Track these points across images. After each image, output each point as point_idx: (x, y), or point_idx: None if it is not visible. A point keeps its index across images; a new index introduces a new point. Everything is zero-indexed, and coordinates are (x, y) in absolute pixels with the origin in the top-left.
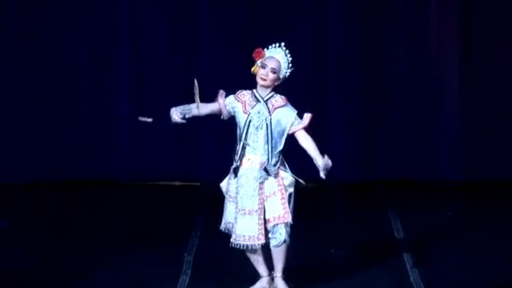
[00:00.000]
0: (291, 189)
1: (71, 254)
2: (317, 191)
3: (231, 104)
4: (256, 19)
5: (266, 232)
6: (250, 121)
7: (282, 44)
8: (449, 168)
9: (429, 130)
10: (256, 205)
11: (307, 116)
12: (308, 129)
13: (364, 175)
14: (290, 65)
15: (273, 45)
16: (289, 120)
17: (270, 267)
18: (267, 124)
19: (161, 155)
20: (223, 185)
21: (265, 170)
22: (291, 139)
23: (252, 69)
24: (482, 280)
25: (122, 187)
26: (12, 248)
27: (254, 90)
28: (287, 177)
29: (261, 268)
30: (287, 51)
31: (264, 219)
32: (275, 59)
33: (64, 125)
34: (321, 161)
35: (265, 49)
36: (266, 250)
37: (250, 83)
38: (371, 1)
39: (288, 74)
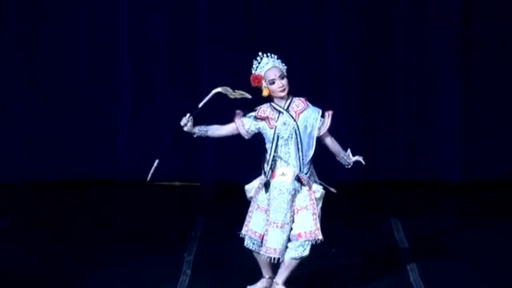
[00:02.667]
0: (321, 202)
1: (71, 254)
2: None
3: (253, 125)
4: (255, 19)
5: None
6: (278, 134)
7: (260, 53)
8: (449, 168)
9: (429, 130)
10: (288, 218)
11: (329, 115)
12: (332, 125)
13: (364, 176)
14: (280, 60)
15: (255, 62)
16: (315, 123)
17: (274, 270)
18: (296, 133)
19: (161, 155)
20: (249, 188)
21: (298, 179)
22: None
23: (264, 94)
24: (482, 280)
25: (122, 187)
26: (12, 248)
27: (272, 103)
28: (318, 190)
29: (265, 269)
30: (268, 54)
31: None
32: (273, 68)
33: (64, 125)
34: (352, 156)
35: (255, 72)
36: None
37: (249, 82)
38: (371, 1)
39: (285, 66)
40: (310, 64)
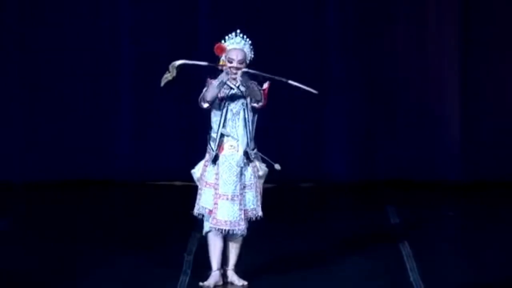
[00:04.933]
0: (263, 180)
1: (71, 254)
2: (317, 190)
3: None
4: (255, 19)
5: None
6: (227, 107)
7: (238, 31)
8: (449, 168)
9: (429, 130)
10: (237, 191)
11: (265, 87)
12: (267, 98)
13: (364, 175)
14: (251, 47)
15: (230, 35)
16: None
17: (223, 262)
18: (244, 109)
19: (161, 155)
20: (195, 171)
21: (246, 154)
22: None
23: (220, 64)
24: (481, 280)
25: (122, 187)
26: (12, 248)
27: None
28: (261, 167)
29: (216, 261)
30: (245, 37)
31: None
32: (238, 50)
33: (64, 125)
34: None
35: (224, 42)
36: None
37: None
38: (371, 1)
39: (253, 55)
40: (310, 65)
